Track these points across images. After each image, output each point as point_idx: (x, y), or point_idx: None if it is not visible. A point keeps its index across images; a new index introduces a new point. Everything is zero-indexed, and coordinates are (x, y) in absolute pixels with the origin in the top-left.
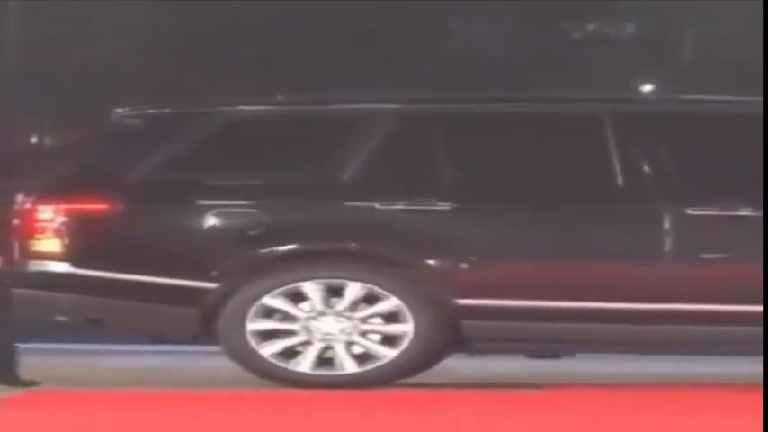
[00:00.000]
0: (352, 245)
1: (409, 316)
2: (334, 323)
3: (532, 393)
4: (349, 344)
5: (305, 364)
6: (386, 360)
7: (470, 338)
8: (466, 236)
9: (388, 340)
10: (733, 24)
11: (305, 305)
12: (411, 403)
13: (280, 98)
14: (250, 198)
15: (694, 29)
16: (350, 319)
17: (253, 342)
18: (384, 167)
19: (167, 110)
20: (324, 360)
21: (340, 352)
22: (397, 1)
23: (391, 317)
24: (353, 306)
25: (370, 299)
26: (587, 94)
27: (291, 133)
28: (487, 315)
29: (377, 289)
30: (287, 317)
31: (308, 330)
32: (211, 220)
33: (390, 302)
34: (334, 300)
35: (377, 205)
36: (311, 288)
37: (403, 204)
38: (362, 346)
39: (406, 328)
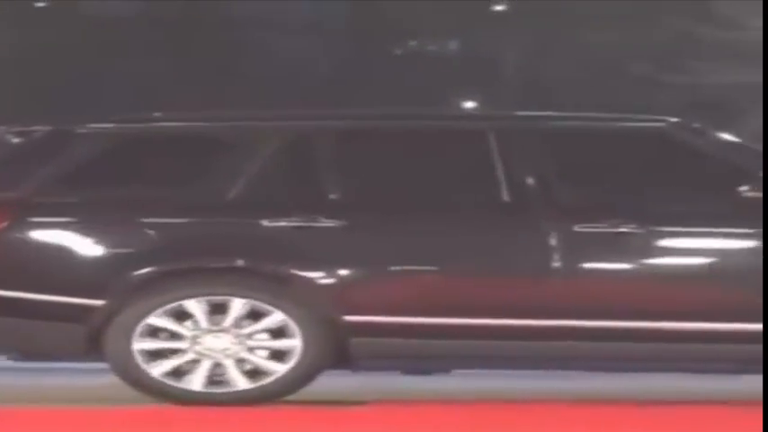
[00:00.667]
0: (240, 262)
1: (298, 334)
2: (222, 341)
3: (360, 410)
4: (238, 361)
5: (189, 380)
6: (270, 379)
7: (357, 356)
8: (353, 252)
9: (276, 358)
10: (554, 44)
11: (190, 323)
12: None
13: (157, 115)
14: (137, 215)
15: (517, 46)
16: (237, 336)
17: (140, 360)
18: (271, 184)
19: (51, 127)
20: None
21: (231, 370)
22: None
23: (279, 333)
24: (239, 323)
25: (256, 315)
26: (473, 111)
27: (177, 151)
28: (376, 332)
29: (264, 306)
30: (174, 335)
31: (195, 347)
32: (98, 238)
33: (276, 317)
34: (219, 317)
35: (265, 222)
36: (197, 305)
37: (291, 221)
38: (252, 363)
39: (294, 342)
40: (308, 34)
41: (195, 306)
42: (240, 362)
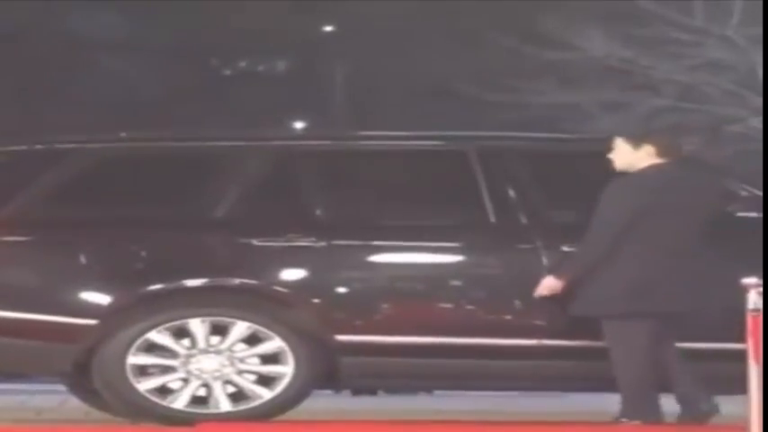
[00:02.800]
0: (234, 281)
1: (290, 355)
2: (214, 362)
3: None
4: (226, 382)
5: (181, 401)
6: (262, 400)
7: (348, 375)
8: (343, 272)
9: (267, 379)
10: (380, 64)
11: (186, 342)
12: None
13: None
14: (128, 233)
15: (346, 67)
16: (230, 358)
17: (132, 378)
18: (261, 204)
19: (38, 146)
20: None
21: (217, 391)
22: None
23: (272, 356)
24: (234, 344)
25: (251, 337)
26: (454, 131)
27: (166, 170)
28: (366, 351)
29: (258, 327)
30: (167, 354)
31: (187, 368)
32: (90, 256)
33: (273, 343)
34: (215, 338)
35: (255, 241)
36: (193, 326)
37: (281, 241)
38: (240, 385)
39: (286, 368)
40: (132, 54)
41: (191, 326)
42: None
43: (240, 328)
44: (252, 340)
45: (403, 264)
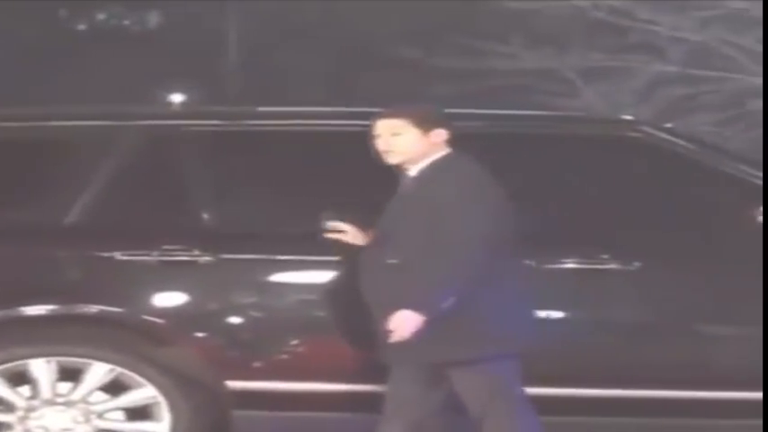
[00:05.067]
0: (90, 309)
1: (165, 408)
2: (64, 417)
3: None
4: None
5: None
6: None
7: None
8: (237, 297)
9: None
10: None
11: (25, 391)
12: None
13: None
14: None
15: (242, 21)
16: (85, 412)
17: None
18: (127, 205)
19: None
20: None
21: None
22: None
23: (141, 409)
24: (91, 394)
25: (113, 385)
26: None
27: None
28: (268, 403)
29: (123, 371)
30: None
31: (25, 425)
32: None
33: (142, 391)
34: (65, 385)
35: (118, 255)
36: (35, 368)
37: (153, 254)
38: None
39: (160, 426)
40: None
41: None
42: None
43: (98, 371)
44: (114, 388)
45: (319, 285)
